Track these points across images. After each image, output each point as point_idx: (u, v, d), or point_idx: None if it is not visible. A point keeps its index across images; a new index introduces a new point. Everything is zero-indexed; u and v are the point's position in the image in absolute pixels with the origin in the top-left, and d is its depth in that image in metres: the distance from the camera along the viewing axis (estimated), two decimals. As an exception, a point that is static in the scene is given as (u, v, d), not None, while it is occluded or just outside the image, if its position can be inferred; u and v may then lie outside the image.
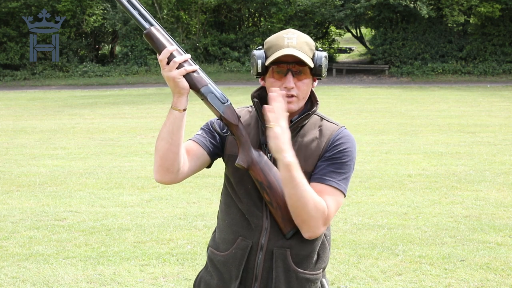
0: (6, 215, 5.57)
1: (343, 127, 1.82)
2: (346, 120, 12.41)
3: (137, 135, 10.72)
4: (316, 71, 1.74)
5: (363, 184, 6.71)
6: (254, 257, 1.77)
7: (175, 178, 1.74)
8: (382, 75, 25.45)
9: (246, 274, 1.78)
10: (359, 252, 4.53)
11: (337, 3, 25.70)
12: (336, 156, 1.75)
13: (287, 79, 1.72)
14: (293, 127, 1.76)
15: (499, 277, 4.04)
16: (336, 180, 1.74)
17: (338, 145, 1.76)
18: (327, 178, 1.73)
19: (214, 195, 6.22)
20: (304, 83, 1.74)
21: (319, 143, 1.77)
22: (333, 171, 1.74)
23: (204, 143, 1.82)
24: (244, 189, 1.78)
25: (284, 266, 1.76)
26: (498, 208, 5.73)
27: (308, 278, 1.78)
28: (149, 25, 1.67)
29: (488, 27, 25.48)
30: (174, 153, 1.69)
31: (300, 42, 1.73)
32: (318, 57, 1.73)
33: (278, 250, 1.75)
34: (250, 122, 1.84)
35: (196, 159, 1.80)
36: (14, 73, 25.24)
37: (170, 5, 26.07)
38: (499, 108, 14.76)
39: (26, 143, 9.92)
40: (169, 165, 1.70)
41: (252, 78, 24.38)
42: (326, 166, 1.75)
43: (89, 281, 3.99)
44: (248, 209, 1.78)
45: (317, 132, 1.79)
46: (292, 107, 1.74)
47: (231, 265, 1.79)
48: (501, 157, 8.37)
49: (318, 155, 1.77)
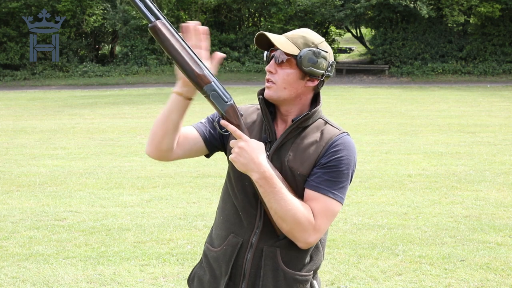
0: (6, 215, 5.57)
1: (344, 133, 1.78)
2: (346, 120, 12.41)
3: (137, 135, 10.72)
4: (297, 63, 1.71)
5: (363, 184, 6.71)
6: (244, 255, 1.77)
7: (165, 156, 1.77)
8: (382, 75, 25.45)
9: (235, 271, 1.78)
10: (359, 252, 4.53)
11: (337, 3, 25.71)
12: (332, 164, 1.72)
13: (270, 63, 1.75)
14: (294, 127, 1.75)
15: (499, 277, 4.05)
16: (331, 189, 1.71)
17: (334, 152, 1.73)
18: (322, 187, 1.71)
19: (214, 195, 6.22)
20: (284, 72, 1.72)
21: (317, 146, 1.75)
22: (329, 179, 1.71)
23: (203, 131, 1.83)
24: (241, 185, 1.78)
25: (273, 264, 1.75)
26: (498, 208, 5.74)
27: (297, 278, 1.77)
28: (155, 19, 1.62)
29: (488, 27, 25.49)
30: (164, 132, 1.71)
31: (296, 34, 1.73)
32: (304, 51, 1.70)
33: (268, 248, 1.75)
34: (256, 120, 1.84)
35: (193, 144, 1.82)
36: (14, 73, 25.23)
37: (170, 5, 26.07)
38: (499, 108, 14.76)
39: (26, 143, 9.92)
40: (158, 142, 1.73)
41: (252, 78, 24.38)
42: (322, 174, 1.72)
43: (89, 281, 3.99)
44: (243, 206, 1.78)
45: (318, 135, 1.77)
46: (269, 93, 1.74)
47: (221, 261, 1.80)
48: (501, 157, 8.37)
49: (314, 159, 1.74)
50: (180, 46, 1.64)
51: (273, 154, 1.75)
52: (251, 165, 1.63)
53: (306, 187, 1.73)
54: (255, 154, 1.64)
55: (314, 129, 1.78)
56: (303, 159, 1.74)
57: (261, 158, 1.65)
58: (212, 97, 1.69)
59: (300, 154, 1.75)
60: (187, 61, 1.63)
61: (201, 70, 1.65)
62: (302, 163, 1.74)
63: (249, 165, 1.64)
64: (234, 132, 1.67)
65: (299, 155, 1.75)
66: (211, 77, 1.68)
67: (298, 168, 1.73)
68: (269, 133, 1.78)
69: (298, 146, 1.76)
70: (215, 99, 1.69)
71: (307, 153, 1.75)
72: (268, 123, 1.78)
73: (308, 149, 1.75)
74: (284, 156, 1.75)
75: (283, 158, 1.75)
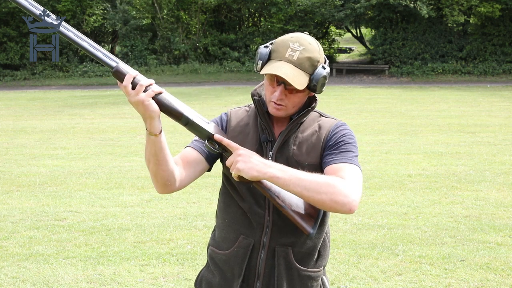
0: (6, 215, 5.57)
1: (341, 121, 1.84)
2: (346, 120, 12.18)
3: (137, 135, 10.72)
4: (311, 88, 1.72)
5: (363, 184, 6.69)
6: (256, 255, 1.78)
7: (175, 188, 1.75)
8: (382, 75, 25.44)
9: (249, 272, 1.79)
10: (359, 252, 4.53)
11: (337, 3, 25.70)
12: (339, 140, 1.76)
13: (277, 90, 1.71)
14: (293, 124, 1.77)
15: (499, 277, 4.04)
16: (347, 158, 1.72)
17: (338, 132, 1.78)
18: (338, 159, 1.72)
19: (214, 195, 6.22)
20: (295, 96, 1.73)
21: (319, 135, 1.78)
22: (342, 152, 1.74)
23: (202, 149, 1.82)
24: (246, 187, 1.78)
25: (286, 264, 1.77)
26: (498, 208, 5.73)
27: (310, 275, 1.80)
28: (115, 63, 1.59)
29: (488, 27, 25.47)
30: (164, 171, 1.68)
31: (302, 58, 1.69)
32: (316, 76, 1.70)
33: (280, 248, 1.77)
34: (249, 122, 1.84)
35: (196, 165, 1.80)
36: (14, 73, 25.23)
37: (170, 5, 26.06)
38: (499, 108, 14.75)
39: (26, 143, 9.92)
40: (164, 181, 1.71)
41: (252, 78, 24.37)
42: (334, 151, 1.74)
43: (89, 281, 3.99)
44: (250, 207, 1.79)
45: (316, 126, 1.81)
46: (278, 113, 1.75)
47: (233, 263, 1.80)
48: (501, 157, 8.37)
49: (320, 147, 1.77)
50: None
51: (276, 152, 1.76)
52: (260, 165, 1.62)
53: (324, 167, 1.73)
54: (256, 156, 1.64)
55: (310, 121, 1.82)
56: (308, 150, 1.77)
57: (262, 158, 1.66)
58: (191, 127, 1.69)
59: (303, 146, 1.77)
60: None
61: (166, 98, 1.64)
62: (308, 154, 1.77)
63: (258, 166, 1.62)
64: (228, 144, 1.67)
65: (303, 147, 1.77)
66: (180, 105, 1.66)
67: (306, 159, 1.75)
68: (268, 132, 1.79)
69: (300, 140, 1.78)
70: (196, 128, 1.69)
71: (310, 143, 1.78)
72: (266, 124, 1.79)
73: (310, 139, 1.78)
74: (288, 152, 1.77)
75: (288, 154, 1.76)
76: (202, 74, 24.93)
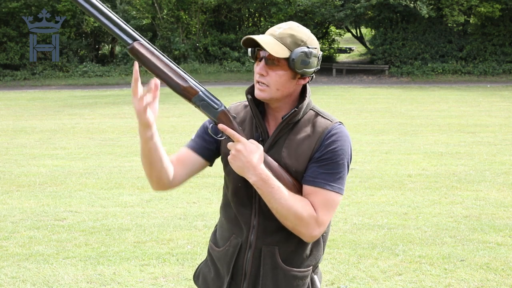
0: (6, 215, 5.57)
1: (337, 123, 1.77)
2: (346, 120, 12.39)
3: (137, 135, 10.67)
4: (290, 64, 1.68)
5: (363, 184, 6.71)
6: (243, 255, 1.80)
7: (169, 186, 1.79)
8: (382, 75, 25.44)
9: (236, 271, 1.81)
10: (359, 252, 4.53)
11: (337, 3, 25.70)
12: (327, 157, 1.71)
13: (259, 65, 1.71)
14: (284, 124, 1.74)
15: (499, 277, 4.04)
16: (329, 182, 1.70)
17: (328, 144, 1.72)
18: (318, 181, 1.70)
19: (214, 195, 6.22)
20: (276, 74, 1.69)
21: (310, 141, 1.74)
22: (325, 172, 1.70)
23: (199, 149, 1.83)
24: (235, 186, 1.79)
25: (272, 263, 1.77)
26: (498, 208, 5.74)
27: (295, 275, 1.78)
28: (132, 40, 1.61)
29: (488, 27, 25.47)
30: (157, 170, 1.72)
31: (284, 33, 1.68)
32: (295, 51, 1.67)
33: (266, 247, 1.77)
34: (245, 118, 1.84)
35: (192, 165, 1.82)
36: (14, 73, 25.21)
37: (170, 5, 26.06)
38: (499, 108, 14.75)
39: (26, 143, 9.92)
40: (157, 179, 1.75)
41: (252, 78, 24.36)
42: (318, 168, 1.71)
43: (89, 281, 3.99)
44: (237, 207, 1.80)
45: (309, 129, 1.76)
46: (261, 94, 1.72)
47: (223, 261, 1.83)
48: (501, 157, 8.37)
49: (308, 155, 1.73)
50: (162, 63, 1.64)
51: (267, 152, 1.75)
52: (247, 168, 1.64)
53: (303, 183, 1.73)
54: (251, 157, 1.64)
55: (305, 122, 1.77)
56: (297, 155, 1.74)
57: (257, 160, 1.65)
58: (202, 107, 1.71)
59: (294, 151, 1.75)
60: (171, 76, 1.65)
61: (186, 82, 1.67)
62: (297, 159, 1.74)
63: (245, 168, 1.64)
64: (232, 135, 1.67)
65: (293, 152, 1.75)
66: (198, 87, 1.69)
67: (293, 165, 1.73)
68: (261, 131, 1.78)
69: (291, 142, 1.75)
70: (205, 108, 1.71)
71: (301, 148, 1.74)
72: (259, 122, 1.77)
73: (301, 144, 1.74)
74: (279, 154, 1.75)
75: (278, 156, 1.75)
76: (202, 74, 24.92)
